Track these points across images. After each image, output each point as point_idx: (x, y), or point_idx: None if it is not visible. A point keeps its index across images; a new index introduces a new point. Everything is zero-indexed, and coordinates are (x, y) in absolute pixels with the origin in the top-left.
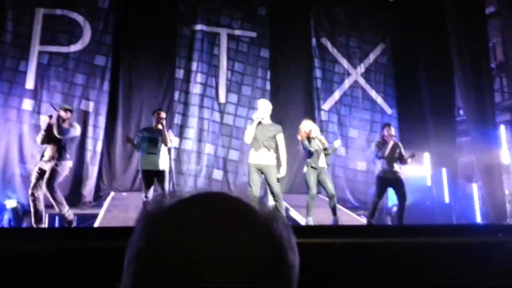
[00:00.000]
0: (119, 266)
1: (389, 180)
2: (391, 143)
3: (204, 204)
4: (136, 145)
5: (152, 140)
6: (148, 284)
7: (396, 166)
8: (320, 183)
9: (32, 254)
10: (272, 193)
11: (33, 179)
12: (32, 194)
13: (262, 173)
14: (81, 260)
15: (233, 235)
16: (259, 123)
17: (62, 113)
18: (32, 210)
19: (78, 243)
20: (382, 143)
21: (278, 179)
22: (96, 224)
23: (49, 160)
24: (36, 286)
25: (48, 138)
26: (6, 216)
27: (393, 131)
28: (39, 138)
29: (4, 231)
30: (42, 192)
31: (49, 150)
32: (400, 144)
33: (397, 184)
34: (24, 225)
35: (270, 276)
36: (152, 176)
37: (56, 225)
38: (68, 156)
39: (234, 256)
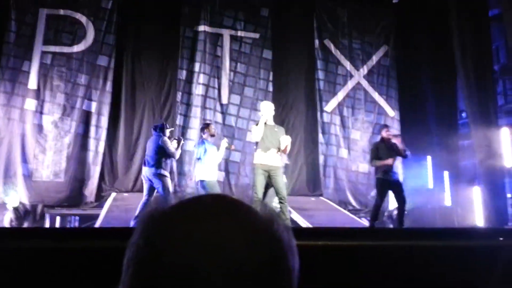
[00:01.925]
0: (119, 266)
1: (389, 182)
2: (387, 161)
3: (205, 206)
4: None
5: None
6: (147, 285)
7: (397, 168)
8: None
9: (33, 254)
10: (279, 195)
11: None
12: None
13: (268, 174)
14: (82, 260)
15: (233, 237)
16: (264, 124)
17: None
18: None
19: (79, 243)
20: (376, 149)
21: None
22: (97, 225)
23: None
24: (37, 286)
25: None
26: (8, 216)
27: (391, 131)
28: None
29: (5, 230)
30: None
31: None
32: (395, 143)
33: (397, 187)
34: (26, 224)
35: (269, 278)
36: None
37: (57, 225)
38: None
39: (234, 258)
